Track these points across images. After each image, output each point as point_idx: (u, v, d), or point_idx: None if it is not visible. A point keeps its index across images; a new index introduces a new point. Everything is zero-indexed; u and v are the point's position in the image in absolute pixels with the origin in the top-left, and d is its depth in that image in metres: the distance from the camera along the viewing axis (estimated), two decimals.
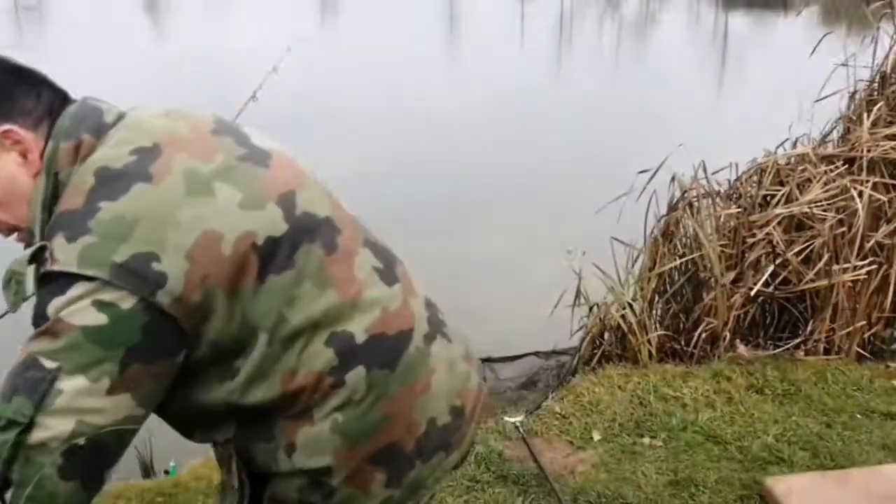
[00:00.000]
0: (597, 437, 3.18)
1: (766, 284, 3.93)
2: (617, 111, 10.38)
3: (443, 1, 27.19)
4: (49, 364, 1.06)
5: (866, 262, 3.88)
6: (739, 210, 4.16)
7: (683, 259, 4.08)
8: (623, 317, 3.87)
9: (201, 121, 1.28)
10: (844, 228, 3.92)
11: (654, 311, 4.14)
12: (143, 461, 3.44)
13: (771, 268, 3.92)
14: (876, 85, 4.48)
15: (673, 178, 4.19)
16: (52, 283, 1.09)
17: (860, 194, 3.89)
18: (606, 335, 4.01)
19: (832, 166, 4.19)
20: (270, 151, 1.29)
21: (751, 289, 3.88)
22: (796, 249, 3.92)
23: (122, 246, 1.09)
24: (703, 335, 3.89)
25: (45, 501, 1.08)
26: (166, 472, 3.00)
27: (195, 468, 3.00)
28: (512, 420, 3.26)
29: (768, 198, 4.22)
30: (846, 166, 4.18)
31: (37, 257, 1.12)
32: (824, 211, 3.94)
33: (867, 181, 3.96)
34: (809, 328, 3.92)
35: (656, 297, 4.18)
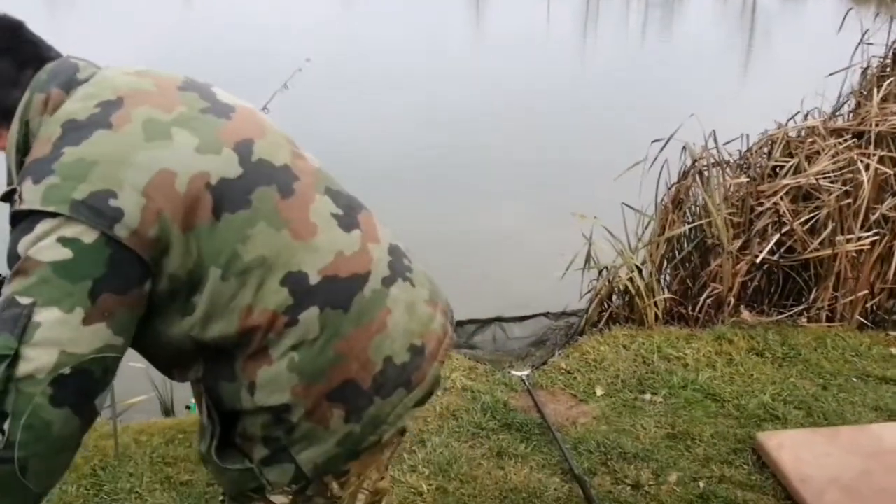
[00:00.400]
0: (599, 392, 3.31)
1: (772, 252, 4.03)
2: (636, 85, 10.40)
3: None
4: (24, 300, 1.14)
5: (871, 233, 3.96)
6: (748, 180, 4.26)
7: (692, 225, 4.19)
8: (631, 280, 3.99)
9: (169, 79, 1.38)
10: (850, 200, 4.01)
11: (662, 276, 4.26)
12: (163, 402, 3.63)
13: (777, 236, 4.01)
14: (889, 61, 4.53)
15: (684, 148, 4.29)
16: (21, 222, 1.19)
17: (867, 167, 3.98)
18: (615, 297, 4.14)
19: (841, 139, 4.28)
20: (234, 106, 1.39)
21: (756, 256, 3.99)
22: (802, 219, 4.02)
23: (82, 185, 1.17)
24: (709, 300, 4.00)
25: (41, 429, 1.15)
26: (187, 408, 3.17)
27: None
28: (518, 374, 3.40)
29: (777, 168, 4.31)
30: (854, 140, 4.26)
31: (8, 199, 1.24)
32: (831, 182, 4.03)
33: (874, 154, 4.04)
34: (813, 296, 4.01)
35: (665, 263, 4.30)
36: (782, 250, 4.06)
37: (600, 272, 4.18)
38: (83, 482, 2.66)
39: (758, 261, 3.99)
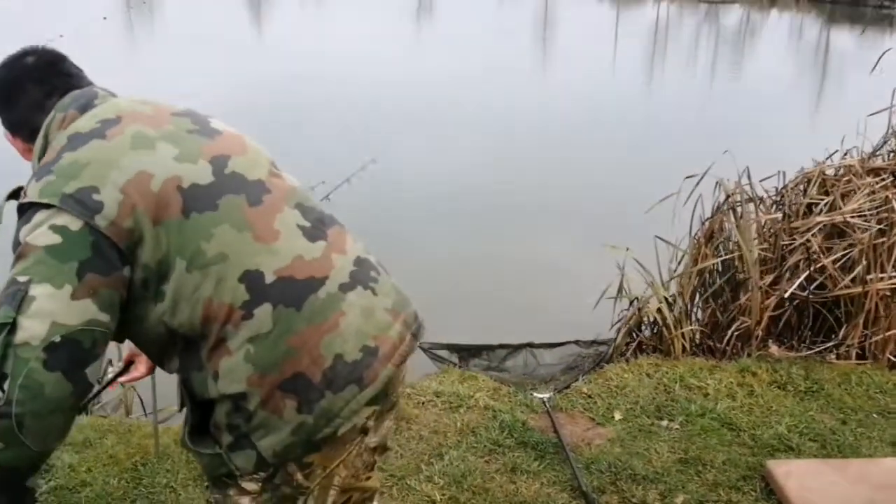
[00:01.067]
0: (618, 416, 3.41)
1: (802, 289, 4.08)
2: (689, 121, 10.48)
3: (539, 7, 27.37)
4: (23, 278, 1.35)
5: None
6: (782, 216, 4.32)
7: (723, 259, 4.27)
8: (660, 311, 4.09)
9: (168, 107, 1.61)
10: (884, 239, 4.04)
11: (692, 308, 4.34)
12: None
13: (807, 272, 4.06)
14: None
15: (717, 184, 4.38)
16: (24, 214, 1.42)
17: None
18: (644, 328, 4.24)
19: (878, 178, 4.31)
20: (222, 131, 1.61)
21: (786, 291, 4.04)
22: (834, 256, 4.06)
23: (72, 182, 1.40)
24: (737, 333, 4.06)
25: (35, 390, 1.32)
26: None
27: None
28: (540, 396, 3.53)
29: (812, 206, 4.37)
30: (892, 179, 4.29)
31: (16, 196, 1.48)
32: (865, 221, 4.07)
33: None
34: (842, 333, 4.04)
35: (696, 295, 4.38)
36: (813, 287, 4.10)
37: (631, 302, 4.28)
38: (125, 476, 2.89)
39: (786, 296, 4.04)
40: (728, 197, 4.32)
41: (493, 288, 5.36)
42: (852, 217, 4.08)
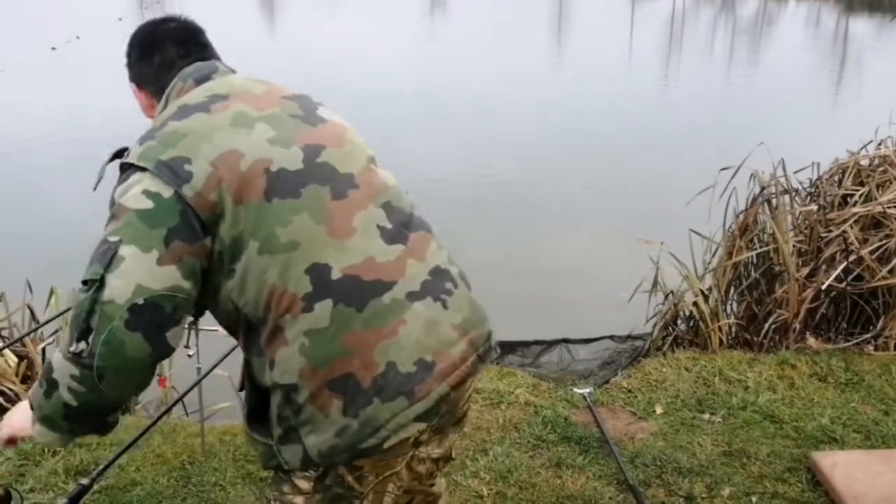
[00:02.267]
0: (659, 410, 3.41)
1: (840, 280, 4.06)
2: (712, 113, 10.42)
3: (553, 1, 27.30)
4: (113, 238, 1.39)
5: None
6: (818, 208, 4.30)
7: (759, 251, 4.25)
8: (696, 304, 4.08)
9: (281, 89, 1.63)
10: None
11: (728, 301, 4.33)
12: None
13: (844, 264, 4.04)
14: None
15: (752, 176, 4.37)
16: (122, 174, 1.47)
17: None
18: (679, 322, 4.23)
19: None
20: (327, 120, 1.61)
21: (823, 283, 4.02)
22: (871, 247, 4.04)
23: (169, 150, 1.44)
24: (774, 326, 4.05)
25: (117, 347, 1.37)
26: None
27: None
28: (580, 391, 3.53)
29: (847, 197, 4.34)
30: None
31: (120, 155, 1.53)
32: None
33: None
34: (881, 324, 4.02)
35: (731, 289, 4.37)
36: (850, 278, 4.08)
37: (666, 297, 4.28)
38: (174, 474, 2.92)
39: (824, 287, 4.02)
40: (763, 189, 4.30)
41: (525, 283, 5.37)
42: (889, 207, 4.05)
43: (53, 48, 15.89)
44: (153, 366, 1.44)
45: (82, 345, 1.38)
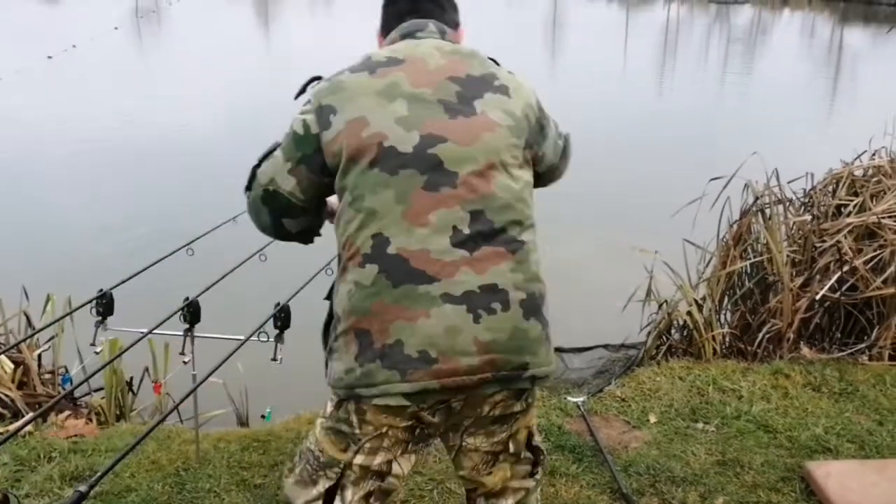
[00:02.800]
0: (653, 419, 3.42)
1: (834, 290, 4.08)
2: (704, 123, 10.46)
3: (548, 9, 27.36)
4: (277, 142, 1.78)
5: None
6: (811, 218, 4.32)
7: (752, 261, 4.27)
8: (690, 314, 4.09)
9: (456, 66, 1.75)
10: None
11: (721, 311, 4.35)
12: (239, 415, 3.91)
13: (838, 274, 4.06)
14: None
15: (746, 186, 4.39)
16: (305, 95, 1.78)
17: None
18: (673, 331, 4.24)
19: None
20: (479, 113, 1.70)
21: (817, 293, 4.04)
22: (865, 258, 4.06)
23: (330, 97, 1.71)
24: (768, 336, 4.07)
25: (255, 209, 1.84)
26: (263, 417, 3.42)
27: (286, 421, 3.42)
28: (574, 400, 3.54)
29: (841, 207, 4.37)
30: None
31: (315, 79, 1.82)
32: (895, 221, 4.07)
33: None
34: (875, 335, 4.04)
35: (725, 298, 4.38)
36: (844, 288, 4.10)
37: (660, 306, 4.29)
38: (168, 481, 2.92)
39: (818, 297, 4.04)
40: (757, 199, 4.32)
41: None
42: (883, 217, 4.08)
43: (49, 57, 15.91)
44: (278, 232, 1.87)
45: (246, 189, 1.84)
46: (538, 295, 1.71)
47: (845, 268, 4.07)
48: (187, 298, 2.64)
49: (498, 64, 1.83)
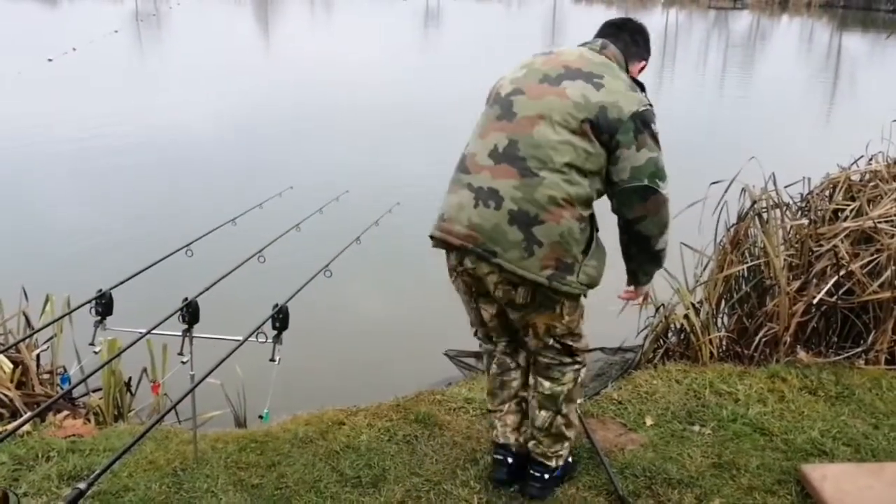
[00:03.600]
0: (649, 422, 3.43)
1: (830, 294, 4.09)
2: (703, 126, 10.46)
3: (546, 14, 27.38)
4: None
5: None
6: (809, 222, 4.34)
7: (750, 265, 4.28)
8: (687, 317, 4.10)
9: (563, 63, 2.48)
10: None
11: (718, 315, 4.35)
12: (237, 416, 3.91)
13: (835, 278, 4.07)
14: None
15: (743, 190, 4.40)
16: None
17: None
18: (671, 334, 4.25)
19: None
20: (559, 87, 2.41)
21: (814, 297, 4.05)
22: (862, 262, 4.07)
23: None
24: (764, 339, 4.08)
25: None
26: (260, 417, 3.41)
27: (284, 422, 3.42)
28: None
29: (838, 212, 4.38)
30: None
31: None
32: (893, 226, 4.08)
33: None
34: (871, 339, 4.05)
35: (722, 302, 4.39)
36: (841, 292, 4.11)
37: (657, 309, 4.29)
38: (166, 480, 2.93)
39: (814, 301, 4.05)
40: (754, 203, 4.34)
41: None
42: (880, 222, 4.09)
43: (50, 59, 15.93)
44: None
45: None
46: (532, 215, 2.33)
47: (842, 272, 4.08)
48: (186, 299, 2.65)
49: (640, 85, 2.56)
